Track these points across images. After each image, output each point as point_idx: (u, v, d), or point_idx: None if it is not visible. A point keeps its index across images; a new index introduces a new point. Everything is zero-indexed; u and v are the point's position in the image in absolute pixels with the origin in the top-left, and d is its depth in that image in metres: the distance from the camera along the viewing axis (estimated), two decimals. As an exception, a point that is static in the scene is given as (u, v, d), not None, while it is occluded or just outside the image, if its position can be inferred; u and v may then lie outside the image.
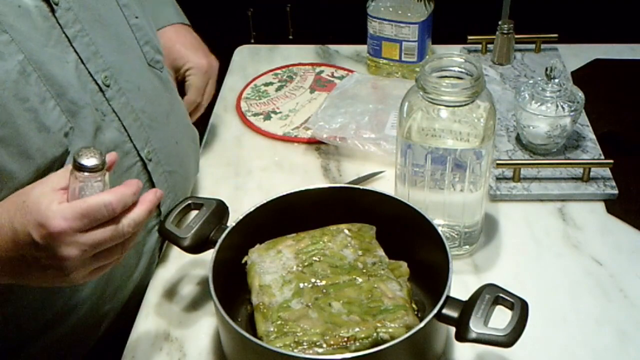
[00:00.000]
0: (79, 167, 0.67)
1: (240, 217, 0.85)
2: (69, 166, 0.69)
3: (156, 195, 0.73)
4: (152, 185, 0.92)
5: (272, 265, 0.81)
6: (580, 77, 1.28)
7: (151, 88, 0.93)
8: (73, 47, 0.79)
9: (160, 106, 0.94)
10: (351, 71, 1.33)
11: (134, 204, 0.71)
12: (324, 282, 0.79)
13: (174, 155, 0.96)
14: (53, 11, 0.77)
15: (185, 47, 1.11)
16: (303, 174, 1.11)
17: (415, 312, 0.80)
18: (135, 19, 0.91)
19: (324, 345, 0.72)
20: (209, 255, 0.80)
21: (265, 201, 0.86)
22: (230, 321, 0.72)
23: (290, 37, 2.20)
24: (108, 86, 0.84)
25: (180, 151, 0.98)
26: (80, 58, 0.80)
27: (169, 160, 0.95)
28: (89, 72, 0.82)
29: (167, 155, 0.94)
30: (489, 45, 1.34)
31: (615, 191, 1.03)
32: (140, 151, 0.89)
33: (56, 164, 0.78)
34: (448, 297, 0.75)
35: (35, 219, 0.67)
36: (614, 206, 1.03)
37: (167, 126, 0.95)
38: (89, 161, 0.67)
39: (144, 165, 0.90)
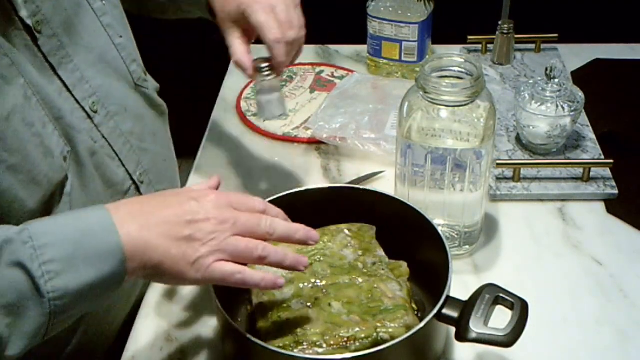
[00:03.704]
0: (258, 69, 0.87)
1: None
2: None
3: (308, 235, 0.73)
4: None
5: (272, 265, 0.81)
6: (580, 77, 1.28)
7: (137, 108, 0.91)
8: (58, 75, 0.78)
9: (146, 126, 0.93)
10: (351, 71, 1.33)
11: None
12: (324, 282, 0.79)
13: (163, 173, 0.95)
14: (35, 39, 0.75)
15: None
16: (303, 174, 1.11)
17: (415, 312, 0.80)
18: (120, 39, 0.88)
19: (324, 345, 0.72)
20: (209, 255, 0.80)
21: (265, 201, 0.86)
22: (231, 321, 0.72)
23: (291, 37, 2.19)
24: (96, 112, 0.83)
25: (168, 168, 0.97)
26: (65, 86, 0.79)
27: (159, 179, 0.94)
28: (76, 100, 0.80)
29: (157, 175, 0.93)
30: (489, 45, 1.34)
31: (615, 191, 1.03)
32: (133, 175, 0.88)
33: (57, 190, 0.77)
34: (448, 297, 0.75)
35: (197, 190, 0.72)
36: (614, 206, 1.03)
37: (154, 145, 0.94)
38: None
39: (137, 189, 0.89)
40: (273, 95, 0.91)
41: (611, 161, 1.04)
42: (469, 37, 1.33)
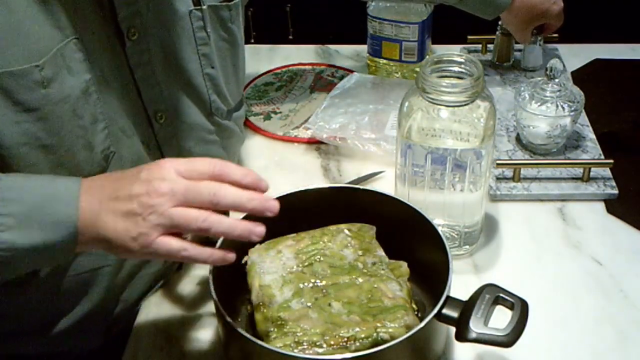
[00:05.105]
0: None
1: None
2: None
3: (265, 206, 0.68)
4: None
5: (272, 265, 0.81)
6: (580, 77, 1.28)
7: (205, 133, 0.93)
8: (134, 80, 0.81)
9: (208, 149, 0.94)
10: (351, 71, 1.33)
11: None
12: (324, 282, 0.79)
13: None
14: (123, 44, 0.78)
15: None
16: (303, 174, 1.11)
17: (415, 312, 0.80)
18: (211, 69, 0.90)
19: (324, 345, 0.72)
20: (209, 255, 0.80)
21: (265, 201, 0.86)
22: (231, 321, 0.72)
23: (290, 37, 2.20)
24: (161, 124, 0.86)
25: None
26: (138, 91, 0.82)
27: None
28: (144, 106, 0.83)
29: None
30: (489, 45, 1.34)
31: (615, 191, 1.03)
32: None
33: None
34: (448, 297, 0.75)
35: (148, 165, 0.69)
36: (614, 206, 1.03)
37: None
38: None
39: None
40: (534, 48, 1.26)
41: (611, 161, 1.04)
42: (469, 37, 1.34)
